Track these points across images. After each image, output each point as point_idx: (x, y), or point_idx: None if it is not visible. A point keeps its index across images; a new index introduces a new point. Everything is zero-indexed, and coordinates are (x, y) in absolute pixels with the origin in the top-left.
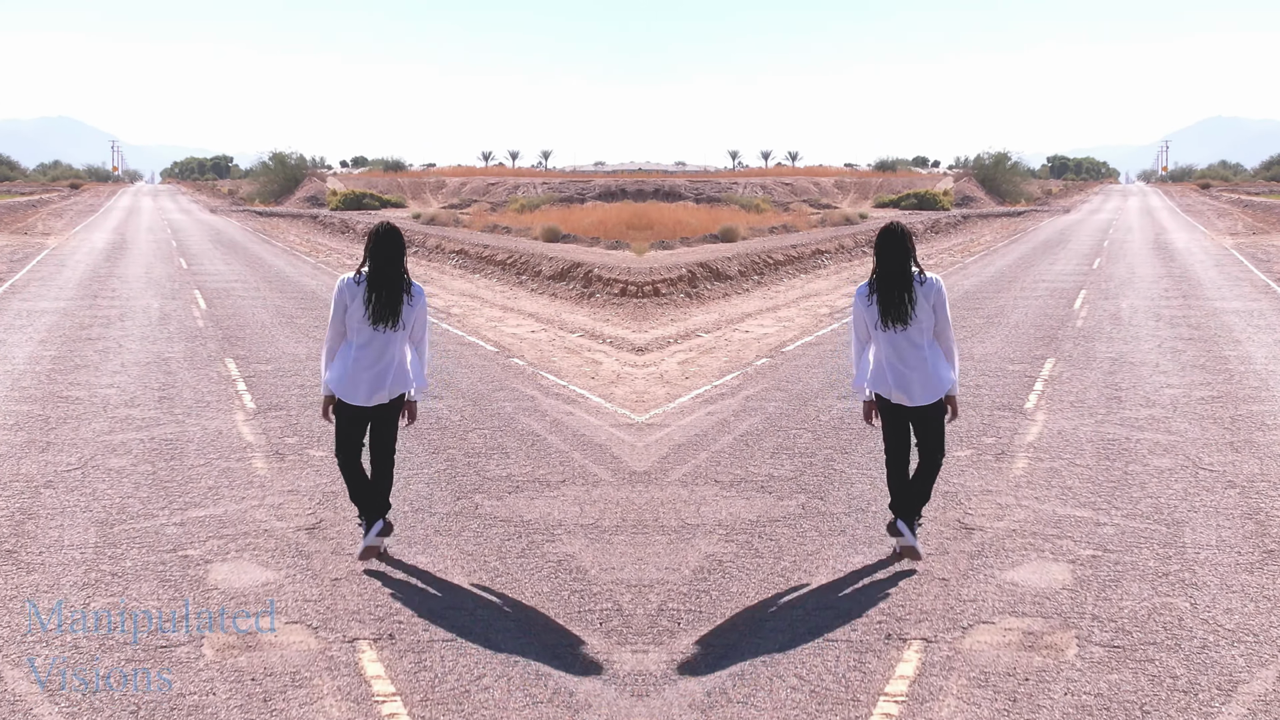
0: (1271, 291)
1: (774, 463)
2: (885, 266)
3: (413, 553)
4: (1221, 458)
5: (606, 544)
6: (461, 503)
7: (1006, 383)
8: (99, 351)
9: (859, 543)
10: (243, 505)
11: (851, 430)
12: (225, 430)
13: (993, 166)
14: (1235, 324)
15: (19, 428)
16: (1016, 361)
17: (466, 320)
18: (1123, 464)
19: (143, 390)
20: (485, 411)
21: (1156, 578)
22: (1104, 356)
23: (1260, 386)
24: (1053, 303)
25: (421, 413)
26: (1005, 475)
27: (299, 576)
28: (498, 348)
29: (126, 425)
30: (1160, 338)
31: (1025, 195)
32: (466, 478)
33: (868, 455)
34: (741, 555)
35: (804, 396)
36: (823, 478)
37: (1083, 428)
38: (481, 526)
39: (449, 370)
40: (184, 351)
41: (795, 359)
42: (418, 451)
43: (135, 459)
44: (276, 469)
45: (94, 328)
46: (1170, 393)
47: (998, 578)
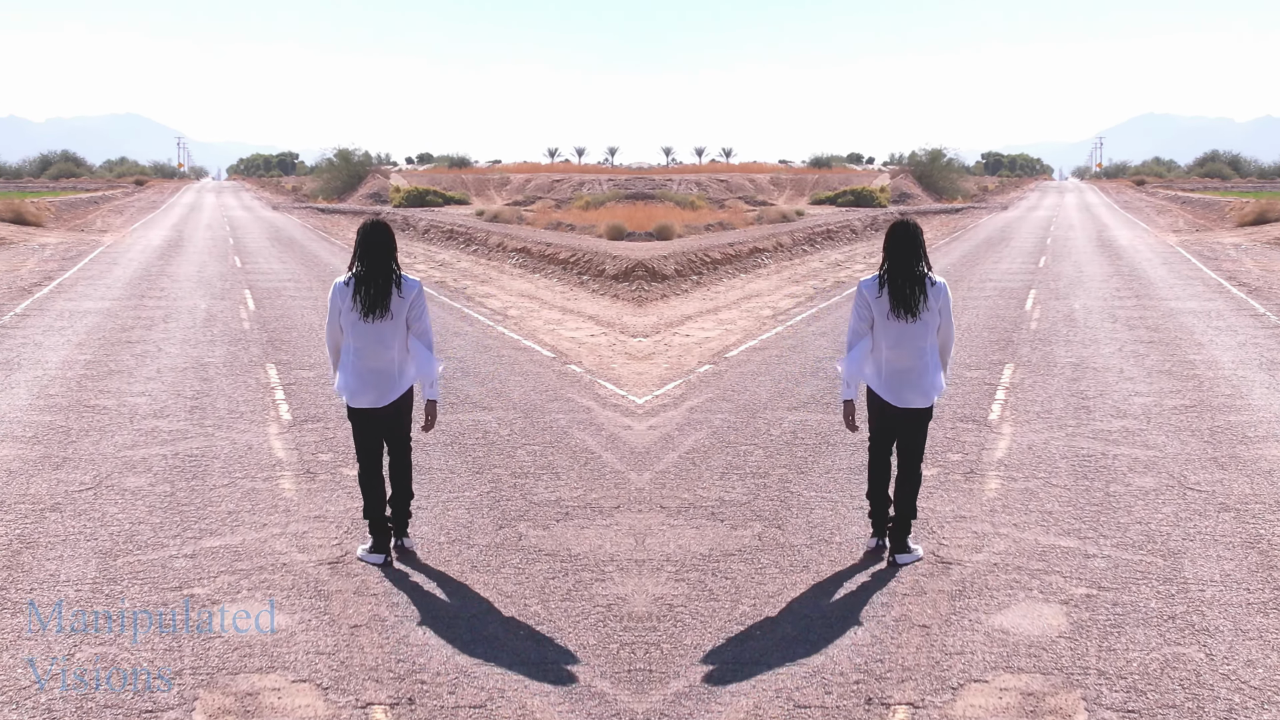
0: (1225, 291)
1: (724, 485)
2: (896, 259)
3: (445, 593)
4: (1208, 475)
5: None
6: (503, 533)
7: (966, 391)
8: (136, 356)
9: (826, 581)
10: (263, 534)
11: (806, 446)
12: (256, 445)
13: (929, 163)
14: (1195, 325)
15: (37, 440)
16: (973, 368)
17: (524, 323)
18: (1102, 483)
19: (174, 399)
20: (535, 425)
21: (1162, 621)
22: (1064, 361)
23: (1234, 394)
24: (1003, 303)
25: (468, 426)
26: (977, 498)
27: (314, 622)
28: (552, 352)
29: (151, 439)
30: (1120, 341)
31: (962, 192)
32: (511, 502)
33: (825, 476)
34: (694, 598)
35: (752, 408)
36: (779, 502)
37: (1053, 442)
38: (524, 561)
39: (501, 378)
40: (224, 356)
41: (740, 365)
42: (460, 471)
43: (154, 477)
44: (305, 490)
45: (135, 330)
46: (1140, 401)
47: (985, 624)
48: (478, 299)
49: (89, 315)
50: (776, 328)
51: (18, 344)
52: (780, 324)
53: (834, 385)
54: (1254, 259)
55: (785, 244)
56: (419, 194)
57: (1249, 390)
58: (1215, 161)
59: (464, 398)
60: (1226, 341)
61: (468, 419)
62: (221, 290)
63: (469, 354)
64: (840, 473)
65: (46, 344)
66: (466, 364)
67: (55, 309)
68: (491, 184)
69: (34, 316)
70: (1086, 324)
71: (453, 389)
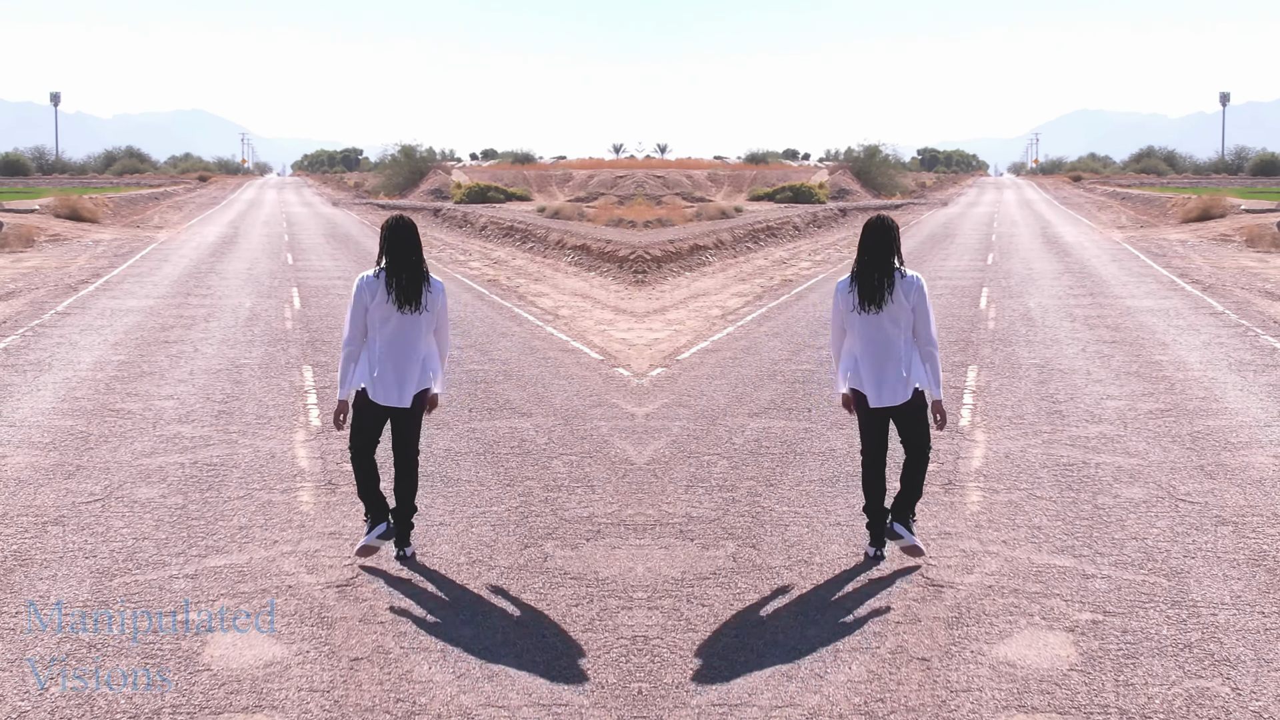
0: (1179, 288)
1: (690, 499)
2: (870, 254)
3: (458, 621)
4: (1198, 486)
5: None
6: (528, 553)
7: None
8: (170, 357)
9: (810, 607)
10: (272, 552)
11: (772, 456)
12: (279, 453)
13: (866, 159)
14: (1155, 325)
15: (53, 447)
16: None
17: (574, 323)
18: (1089, 495)
19: (203, 403)
20: (576, 433)
21: (1179, 651)
22: (1029, 363)
23: (1208, 397)
24: (957, 302)
25: (504, 433)
26: (960, 512)
27: (312, 654)
28: (603, 355)
29: (171, 445)
30: (1082, 341)
31: (900, 188)
32: (540, 518)
33: (796, 489)
34: (670, 628)
35: (711, 414)
36: (750, 518)
37: (1031, 449)
38: (547, 586)
39: (545, 381)
40: (261, 357)
41: (693, 369)
42: (490, 484)
43: (168, 488)
44: (324, 504)
45: (175, 329)
46: (1114, 405)
47: (989, 655)
48: (529, 298)
49: (130, 314)
50: (727, 328)
51: (53, 343)
52: (731, 324)
53: (793, 389)
54: (1202, 255)
55: (727, 241)
56: (480, 190)
57: (1223, 393)
58: (1151, 157)
59: (503, 403)
60: (1190, 341)
61: (504, 426)
62: (269, 288)
63: (514, 356)
64: (811, 485)
65: (82, 344)
66: (510, 367)
67: (98, 307)
68: (554, 180)
69: (75, 315)
70: (1045, 323)
71: (493, 394)
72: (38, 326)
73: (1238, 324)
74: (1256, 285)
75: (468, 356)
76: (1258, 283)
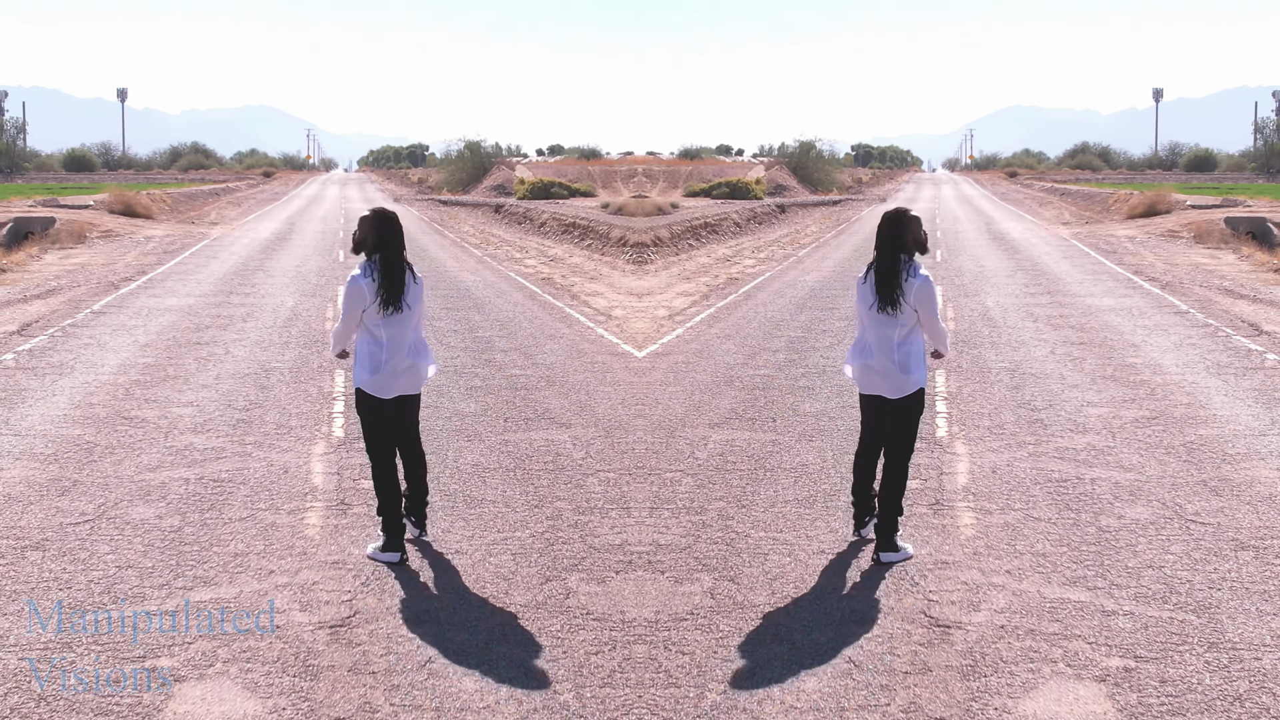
0: (1137, 286)
1: (655, 524)
2: (880, 249)
3: (460, 671)
4: (1205, 504)
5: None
6: (549, 587)
7: None
8: (199, 359)
9: (804, 654)
10: (265, 584)
11: (740, 473)
12: (294, 467)
13: (801, 155)
14: (1121, 325)
15: (54, 459)
16: None
17: (626, 325)
18: (1091, 515)
19: (223, 410)
20: (617, 446)
21: (1229, 704)
22: (998, 367)
23: (1193, 404)
24: None
25: (539, 447)
26: (954, 537)
27: (289, 712)
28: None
29: (180, 458)
30: (1049, 343)
31: (837, 184)
32: (568, 545)
33: (771, 510)
34: (651, 681)
35: (669, 425)
36: (725, 546)
37: (1018, 463)
38: (565, 628)
39: (590, 387)
40: (293, 360)
41: (644, 374)
42: (517, 504)
43: (166, 507)
44: (331, 527)
45: (210, 330)
46: (1096, 413)
47: (1015, 712)
48: (583, 298)
49: (167, 313)
50: (677, 329)
51: (81, 344)
52: (680, 325)
53: (753, 397)
54: (1153, 252)
55: (665, 238)
56: (544, 186)
57: (1207, 399)
58: (1086, 153)
59: (541, 412)
60: (1161, 342)
61: (539, 438)
62: (315, 286)
63: (560, 360)
64: (787, 506)
65: (110, 345)
66: (554, 372)
67: (135, 306)
68: (619, 175)
69: (110, 314)
70: (1007, 324)
71: (532, 402)
72: (69, 326)
73: (1205, 323)
74: (1214, 283)
75: (511, 361)
76: (1214, 280)
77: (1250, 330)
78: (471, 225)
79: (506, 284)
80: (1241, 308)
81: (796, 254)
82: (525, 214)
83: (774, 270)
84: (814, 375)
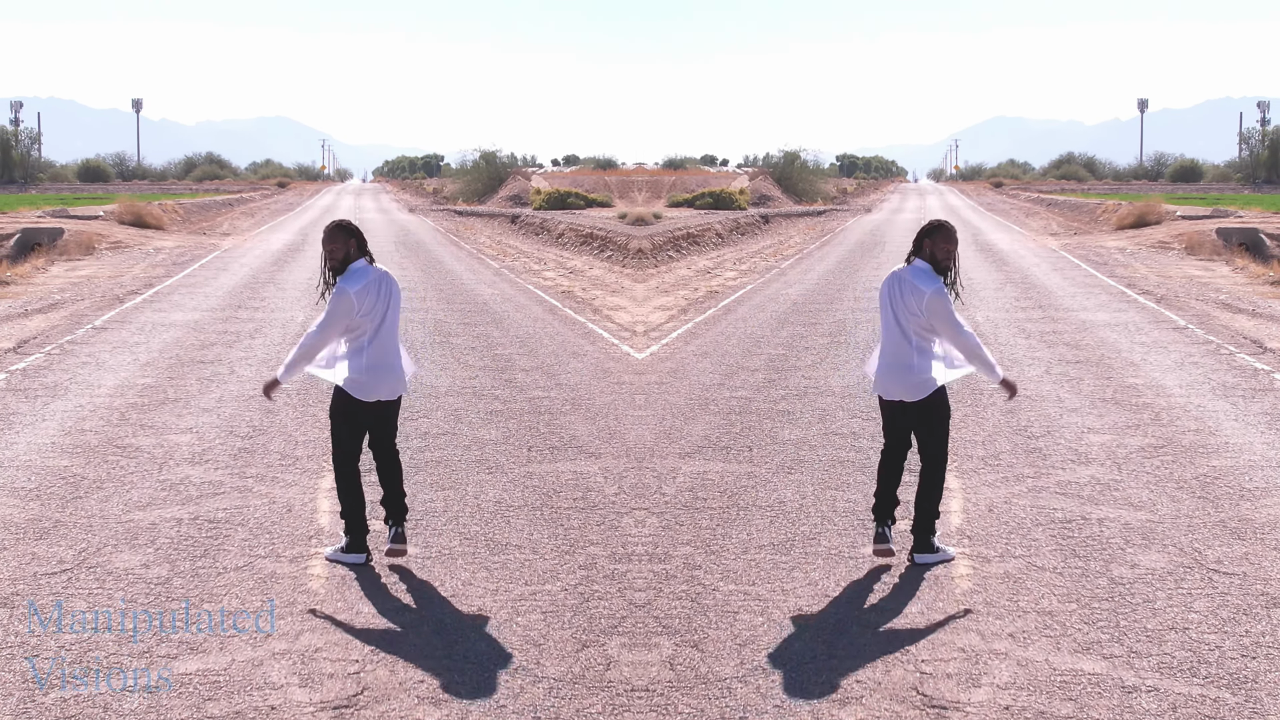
0: (1131, 299)
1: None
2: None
3: None
4: (1226, 550)
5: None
6: (586, 655)
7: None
8: (202, 380)
9: None
10: (260, 651)
11: (711, 512)
12: (298, 505)
13: (786, 165)
14: (1118, 342)
15: (36, 495)
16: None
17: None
18: (1101, 564)
19: (224, 438)
20: (649, 473)
21: None
22: (991, 389)
23: (1202, 430)
24: None
25: (566, 480)
26: (948, 590)
27: None
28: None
29: (174, 494)
30: (1044, 361)
31: (822, 194)
32: (605, 602)
33: (743, 558)
34: None
35: (636, 453)
36: (690, 602)
37: (1016, 499)
38: (609, 709)
39: (619, 411)
40: (302, 381)
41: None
42: (546, 550)
43: (155, 553)
44: (338, 578)
45: (215, 347)
46: (1098, 441)
47: None
48: (605, 312)
49: (172, 329)
50: (651, 346)
51: (78, 363)
52: (654, 342)
53: (729, 422)
54: (1145, 264)
55: (646, 249)
56: (560, 196)
57: (1216, 424)
58: (1071, 163)
59: (568, 439)
60: (1161, 361)
61: (567, 470)
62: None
63: (584, 381)
64: (761, 552)
65: (109, 364)
66: (579, 394)
67: (139, 321)
68: (635, 185)
69: (112, 330)
70: (998, 340)
71: (556, 428)
72: (67, 344)
73: (1206, 340)
74: (1210, 296)
75: (533, 381)
76: (1210, 293)
77: (1254, 348)
78: (488, 236)
79: (525, 297)
80: (1241, 323)
81: (779, 266)
82: (542, 224)
83: (756, 283)
84: (795, 398)
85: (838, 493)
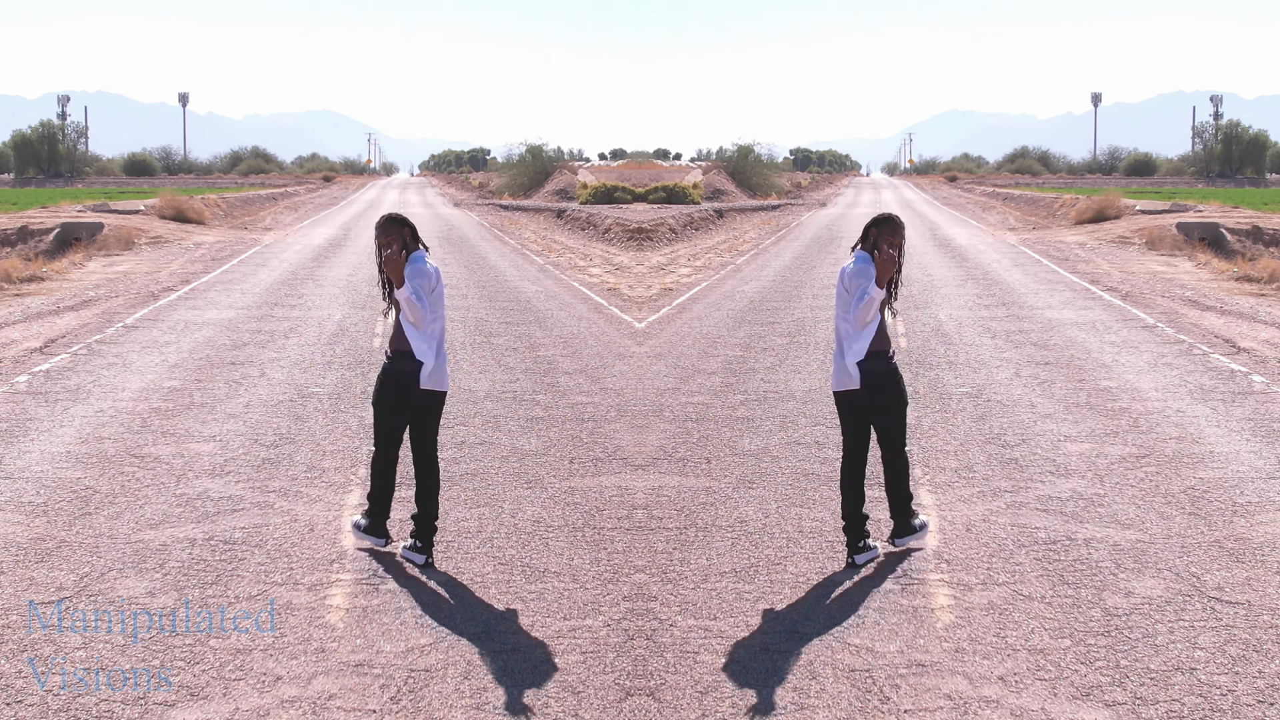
0: (1096, 296)
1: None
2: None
3: None
4: (1227, 574)
5: None
6: (631, 705)
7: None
8: (230, 383)
9: None
10: (268, 698)
11: (667, 533)
12: (320, 524)
13: (739, 159)
14: (1086, 341)
15: (43, 510)
16: None
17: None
18: (1092, 591)
19: (248, 446)
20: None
21: None
22: (958, 392)
23: (1184, 438)
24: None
25: (610, 496)
26: (929, 625)
27: None
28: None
29: (190, 511)
30: (1012, 363)
31: (776, 188)
32: (655, 638)
33: (702, 587)
34: None
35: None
36: (645, 640)
37: (995, 518)
38: None
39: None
40: (334, 384)
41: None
42: (587, 578)
43: (162, 579)
44: (359, 610)
45: (248, 348)
46: (1077, 450)
47: None
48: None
49: (204, 328)
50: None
51: (104, 364)
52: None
53: (685, 430)
54: (1107, 259)
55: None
56: (606, 190)
57: (1199, 431)
58: (1025, 157)
59: (612, 450)
60: (1134, 362)
61: (611, 485)
62: (366, 297)
63: (629, 385)
64: (723, 580)
65: (136, 365)
66: (624, 399)
67: (172, 319)
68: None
69: (143, 328)
70: (963, 340)
71: (599, 436)
72: (95, 343)
73: (1178, 339)
74: (1176, 293)
75: (576, 385)
76: (1175, 290)
77: (1228, 347)
78: (533, 231)
79: (570, 295)
80: (1211, 321)
81: (735, 262)
82: (588, 219)
83: (711, 280)
84: (754, 403)
85: (803, 510)
